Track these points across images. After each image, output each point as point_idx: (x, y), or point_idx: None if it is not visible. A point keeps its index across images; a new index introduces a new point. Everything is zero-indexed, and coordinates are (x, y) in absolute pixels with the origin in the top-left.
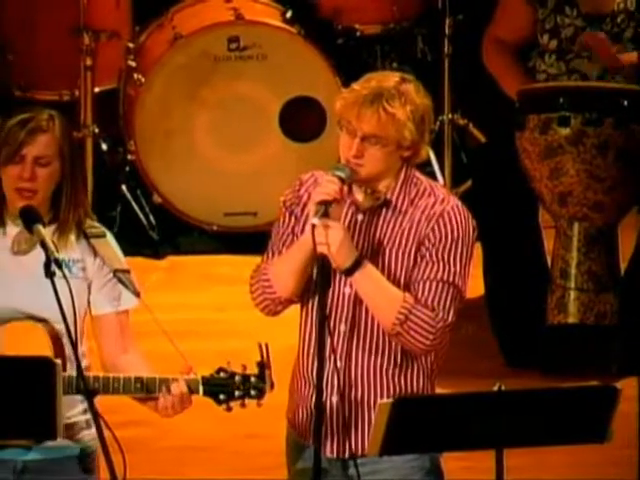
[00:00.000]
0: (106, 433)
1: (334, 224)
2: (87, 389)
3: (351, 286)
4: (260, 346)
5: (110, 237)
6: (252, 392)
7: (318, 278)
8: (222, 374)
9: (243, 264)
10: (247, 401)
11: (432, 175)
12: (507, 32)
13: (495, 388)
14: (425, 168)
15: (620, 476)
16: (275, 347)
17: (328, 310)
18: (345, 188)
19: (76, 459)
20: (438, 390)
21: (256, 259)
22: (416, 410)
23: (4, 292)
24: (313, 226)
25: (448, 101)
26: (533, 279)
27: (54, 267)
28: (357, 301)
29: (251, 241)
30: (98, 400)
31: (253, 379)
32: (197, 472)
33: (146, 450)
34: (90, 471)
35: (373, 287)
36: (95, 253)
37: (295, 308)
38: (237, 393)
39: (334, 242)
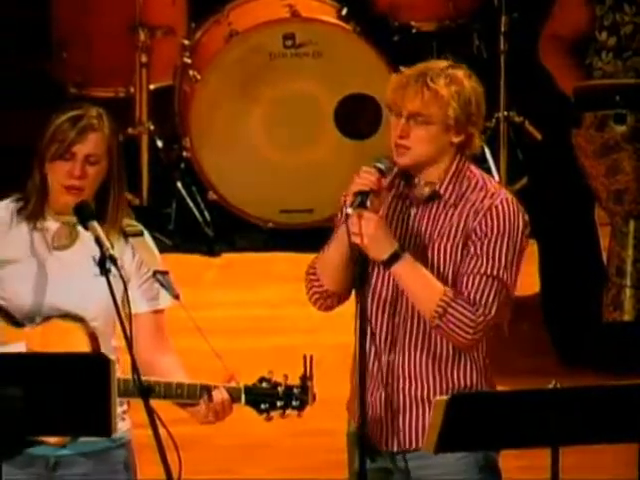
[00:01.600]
0: (161, 430)
1: (369, 215)
2: (142, 387)
3: None
4: (304, 358)
5: (147, 236)
6: (294, 403)
7: (355, 269)
8: (265, 384)
9: (299, 261)
10: (288, 412)
11: (488, 172)
12: (564, 29)
13: (551, 385)
14: (481, 165)
15: None
16: (331, 343)
17: (377, 302)
18: (384, 181)
19: (109, 452)
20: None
21: (312, 256)
22: (471, 407)
23: (41, 288)
24: (347, 216)
25: (504, 98)
26: (588, 277)
27: (109, 264)
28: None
29: (307, 238)
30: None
31: (296, 390)
32: (253, 470)
33: (202, 448)
34: (124, 463)
35: (413, 280)
36: (133, 252)
37: (351, 304)
38: (279, 404)
39: (368, 233)
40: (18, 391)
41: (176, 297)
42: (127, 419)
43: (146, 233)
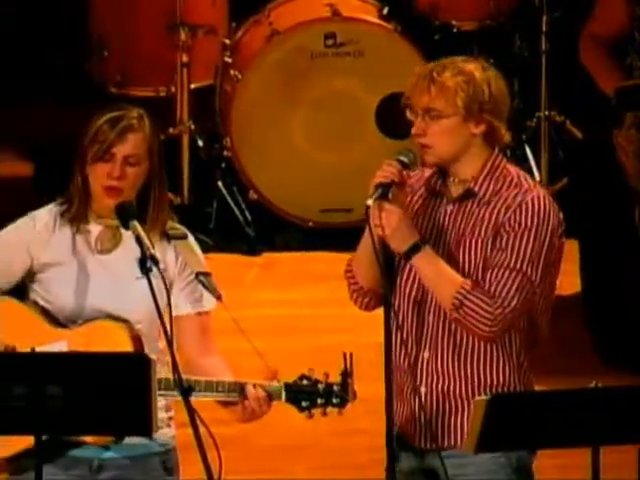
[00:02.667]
0: (202, 430)
1: (390, 207)
2: (183, 387)
3: None
4: (344, 355)
5: (191, 238)
6: (334, 401)
7: (379, 260)
8: (305, 381)
9: (338, 260)
10: (328, 409)
11: (529, 172)
12: (604, 29)
13: (592, 385)
14: (522, 164)
15: None
16: (369, 342)
17: (406, 299)
18: (408, 173)
19: (154, 457)
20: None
21: (351, 255)
22: (512, 407)
23: (85, 290)
24: (367, 207)
25: (545, 98)
26: (630, 276)
27: (150, 263)
28: None
29: (347, 237)
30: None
31: (336, 388)
32: (293, 469)
33: (243, 447)
34: (168, 469)
35: (432, 272)
36: (177, 254)
37: None
38: (319, 401)
39: (389, 225)
40: (57, 390)
41: (218, 298)
42: (172, 425)
43: (190, 236)
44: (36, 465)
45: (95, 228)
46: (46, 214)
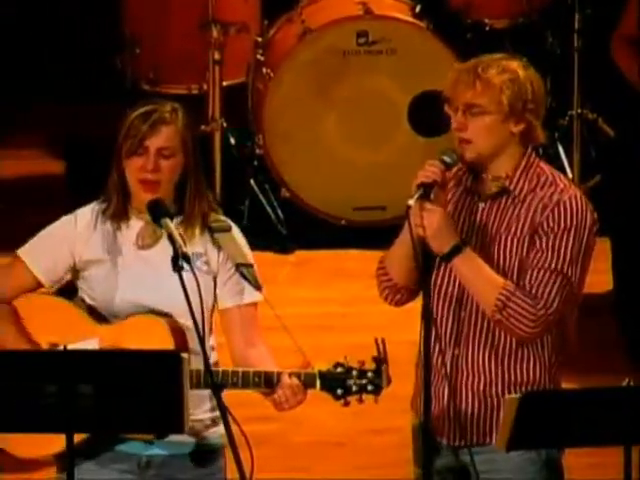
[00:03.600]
0: (234, 428)
1: (431, 207)
2: (214, 383)
3: None
4: (376, 341)
5: (236, 231)
6: (369, 387)
7: (419, 261)
8: (339, 369)
9: (372, 259)
10: (365, 397)
11: (561, 169)
12: (636, 28)
13: (624, 383)
14: (554, 162)
15: None
16: (402, 340)
17: (442, 296)
18: (449, 174)
19: (200, 456)
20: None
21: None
22: (544, 405)
23: (128, 286)
24: (408, 207)
25: (577, 96)
26: None
27: (182, 261)
28: None
29: (380, 235)
30: (230, 395)
31: (370, 374)
32: (327, 467)
33: (276, 445)
34: (213, 468)
35: (473, 273)
36: (219, 247)
37: (421, 301)
38: (354, 388)
39: (430, 225)
40: (89, 388)
41: (258, 289)
42: (220, 424)
43: (235, 228)
44: (68, 463)
45: (136, 224)
46: (88, 212)
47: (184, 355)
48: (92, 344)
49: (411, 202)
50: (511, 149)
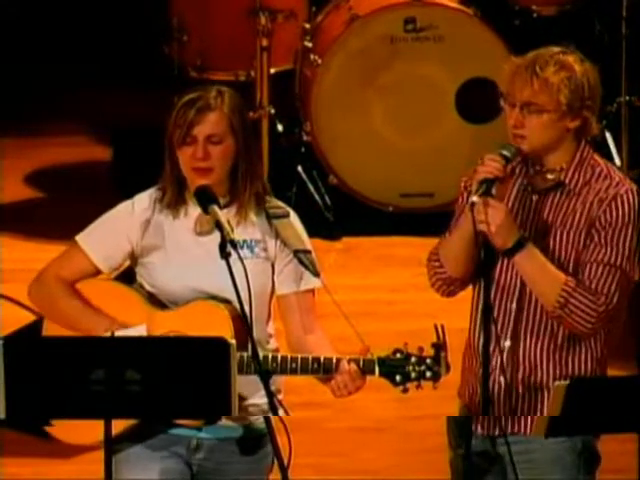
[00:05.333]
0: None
1: (495, 203)
2: (261, 370)
3: None
4: (436, 327)
5: (294, 217)
6: (428, 374)
7: (480, 256)
8: (398, 355)
9: (419, 245)
10: (423, 383)
11: (609, 157)
12: None
13: None
14: (602, 150)
15: None
16: (450, 327)
17: (500, 289)
18: (509, 168)
19: (247, 440)
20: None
21: (432, 240)
22: (591, 392)
23: (187, 273)
24: (472, 204)
25: (625, 83)
26: None
27: (229, 248)
28: None
29: (427, 222)
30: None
31: (429, 361)
32: (367, 453)
33: (316, 431)
34: (261, 452)
35: (535, 269)
36: (277, 233)
37: (470, 289)
38: (413, 375)
39: (494, 221)
40: (136, 375)
41: (316, 275)
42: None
43: (293, 214)
44: (105, 448)
45: (194, 211)
46: (146, 198)
47: (232, 341)
48: (140, 330)
49: (475, 198)
50: (566, 143)
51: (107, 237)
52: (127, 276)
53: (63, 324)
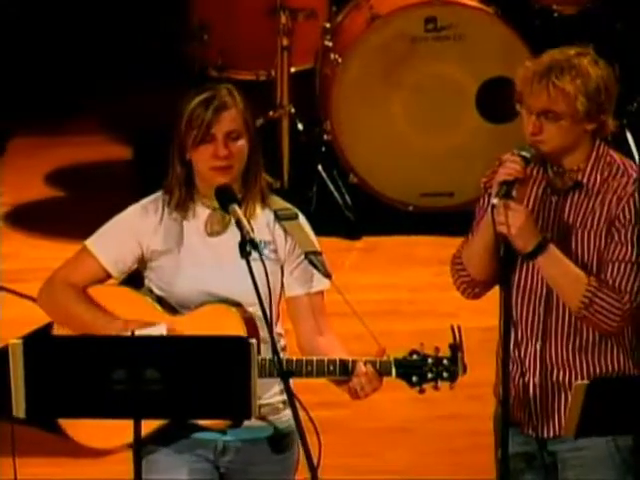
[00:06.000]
0: (302, 414)
1: (516, 206)
2: (282, 371)
3: None
4: (452, 328)
5: (302, 219)
6: (444, 375)
7: (501, 259)
8: (415, 356)
9: (439, 244)
10: (440, 384)
11: (629, 155)
12: None
13: None
14: (621, 148)
15: None
16: (471, 326)
17: (527, 291)
18: (528, 170)
19: (272, 440)
20: None
21: (452, 240)
22: (612, 391)
23: (197, 276)
24: (493, 206)
25: None
26: None
27: (249, 247)
28: None
29: (448, 221)
30: (297, 381)
31: (446, 362)
32: (394, 453)
33: (343, 431)
34: (287, 451)
35: (557, 271)
36: (287, 235)
37: (494, 288)
38: (430, 375)
39: (514, 224)
40: (156, 374)
41: (328, 277)
42: (289, 409)
43: (301, 216)
44: (134, 449)
45: (203, 212)
46: (154, 202)
47: (252, 341)
48: (160, 330)
49: (495, 201)
50: (583, 143)
51: (117, 241)
52: (132, 281)
53: (74, 328)
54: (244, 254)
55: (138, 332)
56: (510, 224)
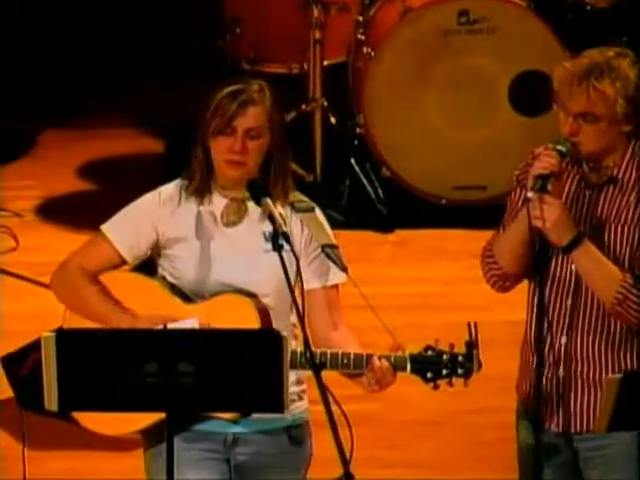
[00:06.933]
0: (333, 407)
1: (551, 200)
2: (314, 364)
3: None
4: (469, 325)
5: (318, 212)
6: (459, 371)
7: (535, 252)
8: (430, 352)
9: (472, 238)
10: (454, 380)
11: None
12: None
13: None
14: None
15: None
16: (501, 320)
17: (555, 285)
18: (564, 164)
19: (286, 431)
20: None
21: (484, 233)
22: None
23: (212, 265)
24: (528, 200)
25: None
26: None
27: (282, 240)
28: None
29: (480, 215)
30: (328, 374)
31: (461, 358)
32: (424, 446)
33: (374, 424)
34: (300, 443)
35: (592, 266)
36: (302, 228)
37: (524, 282)
38: (444, 372)
39: (550, 218)
40: (189, 367)
41: (344, 270)
42: (305, 398)
43: (317, 209)
44: (167, 442)
45: (220, 201)
46: (172, 189)
47: (285, 334)
48: (192, 323)
49: (531, 194)
50: (619, 144)
51: (133, 225)
52: (145, 269)
53: (83, 314)
54: (276, 247)
55: (170, 325)
56: (545, 218)
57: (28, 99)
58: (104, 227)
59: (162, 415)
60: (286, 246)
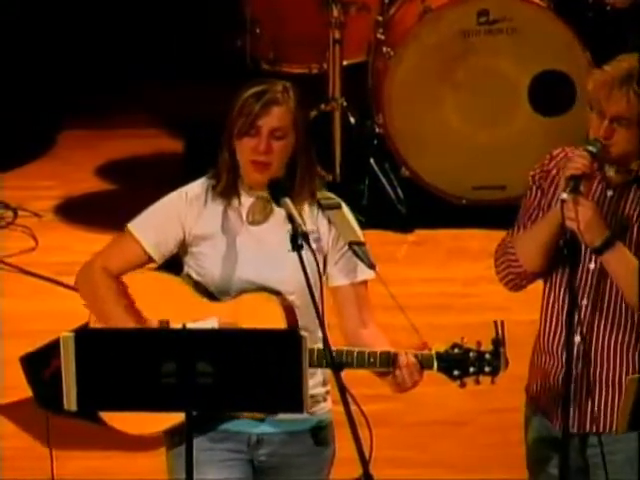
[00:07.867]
0: (353, 407)
1: (585, 201)
2: (334, 363)
3: (596, 261)
4: (495, 323)
5: (345, 208)
6: (486, 369)
7: (568, 254)
8: (456, 350)
9: (492, 238)
10: (481, 378)
11: None
12: None
13: None
14: None
15: None
16: (521, 319)
17: (582, 286)
18: (595, 164)
19: (311, 432)
20: None
21: (504, 233)
22: None
23: (237, 263)
24: (562, 201)
25: None
26: None
27: (301, 240)
28: (601, 277)
29: (500, 215)
30: (348, 374)
31: (488, 356)
32: (445, 446)
33: (394, 424)
34: (325, 444)
35: (624, 267)
36: (330, 225)
37: (539, 282)
38: (471, 370)
39: (583, 219)
40: (208, 367)
41: (372, 267)
42: (329, 400)
43: (344, 206)
44: (186, 441)
45: (246, 200)
46: (198, 187)
47: (304, 334)
48: (211, 323)
49: (565, 196)
50: None
51: (159, 223)
52: (171, 267)
53: (98, 315)
54: (295, 247)
55: (189, 325)
56: (579, 219)
57: (48, 99)
58: (130, 225)
59: (181, 418)
60: (314, 244)
